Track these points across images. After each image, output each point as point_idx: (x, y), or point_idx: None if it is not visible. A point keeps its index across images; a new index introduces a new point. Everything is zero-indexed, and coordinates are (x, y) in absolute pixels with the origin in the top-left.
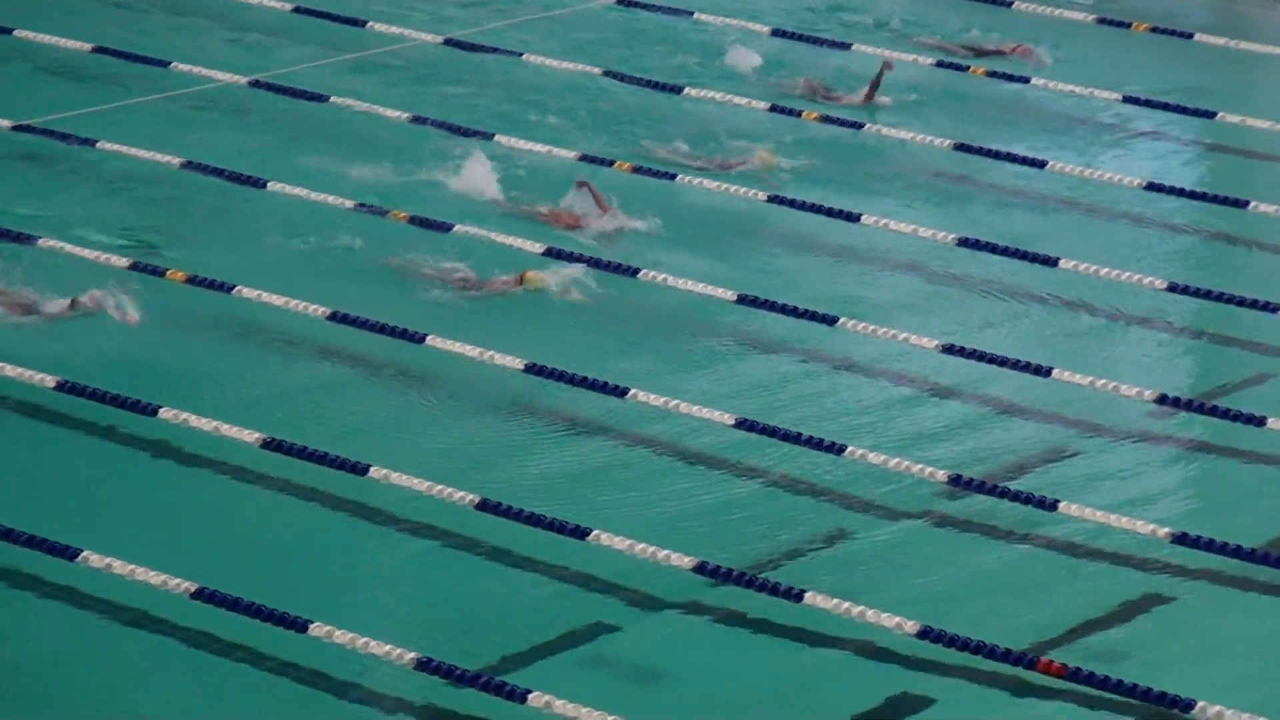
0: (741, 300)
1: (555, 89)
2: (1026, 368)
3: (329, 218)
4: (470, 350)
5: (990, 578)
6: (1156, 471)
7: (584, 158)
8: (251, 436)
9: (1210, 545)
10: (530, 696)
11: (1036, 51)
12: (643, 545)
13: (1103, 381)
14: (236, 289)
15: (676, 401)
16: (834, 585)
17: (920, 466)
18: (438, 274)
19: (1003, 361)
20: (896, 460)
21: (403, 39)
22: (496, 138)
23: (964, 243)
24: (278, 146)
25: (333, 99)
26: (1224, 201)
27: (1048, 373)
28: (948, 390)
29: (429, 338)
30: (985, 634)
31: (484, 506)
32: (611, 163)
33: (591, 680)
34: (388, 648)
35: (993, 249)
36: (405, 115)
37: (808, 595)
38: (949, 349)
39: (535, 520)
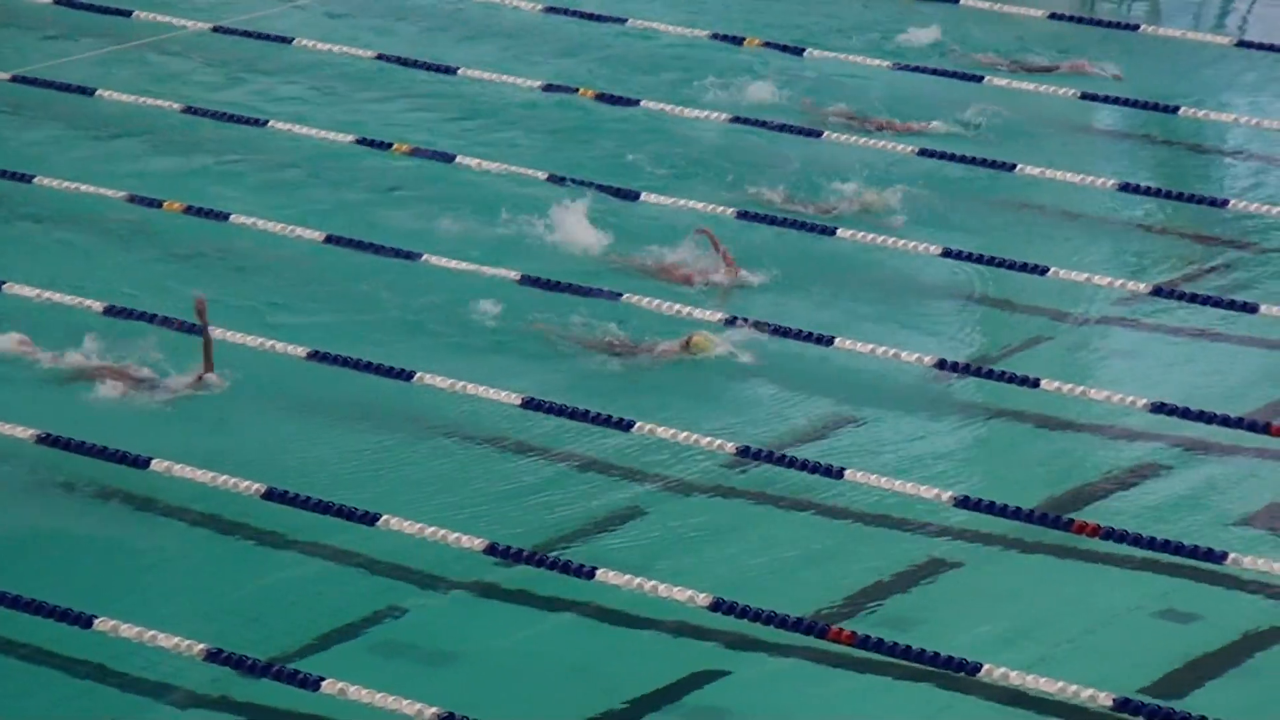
0: None
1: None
2: (809, 337)
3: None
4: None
5: (780, 548)
6: (938, 436)
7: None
8: (26, 433)
9: (991, 508)
10: (324, 684)
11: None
12: (433, 528)
13: (883, 349)
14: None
15: (463, 383)
16: (625, 561)
17: (709, 439)
18: (588, 340)
19: (785, 332)
20: (685, 434)
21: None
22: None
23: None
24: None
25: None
26: (995, 165)
27: (829, 341)
28: (734, 362)
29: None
30: (776, 604)
31: (270, 495)
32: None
33: (385, 665)
34: (176, 639)
35: (771, 220)
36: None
37: (599, 572)
38: (730, 322)
39: (323, 507)
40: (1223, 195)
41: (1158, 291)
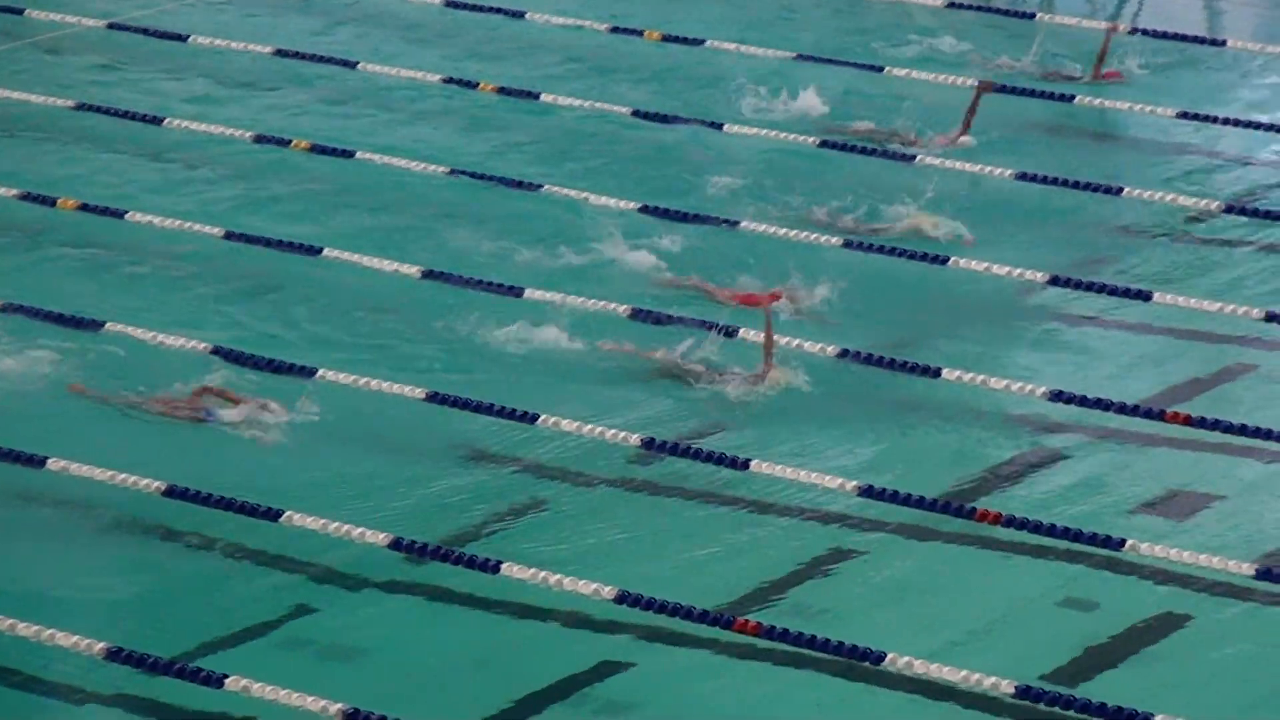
0: None
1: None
2: (712, 327)
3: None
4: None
5: (686, 540)
6: (841, 426)
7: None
8: None
9: (895, 497)
10: (227, 681)
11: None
12: (336, 524)
13: (786, 339)
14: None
15: (366, 379)
16: (531, 555)
17: (613, 432)
18: (676, 368)
19: (676, 320)
20: (589, 427)
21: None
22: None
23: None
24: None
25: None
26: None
27: (734, 333)
28: (634, 355)
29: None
30: (682, 596)
31: (171, 493)
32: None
33: (289, 662)
34: (75, 638)
35: (680, 217)
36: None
37: (505, 566)
38: (638, 315)
39: (226, 504)
40: (1118, 184)
41: (1054, 281)
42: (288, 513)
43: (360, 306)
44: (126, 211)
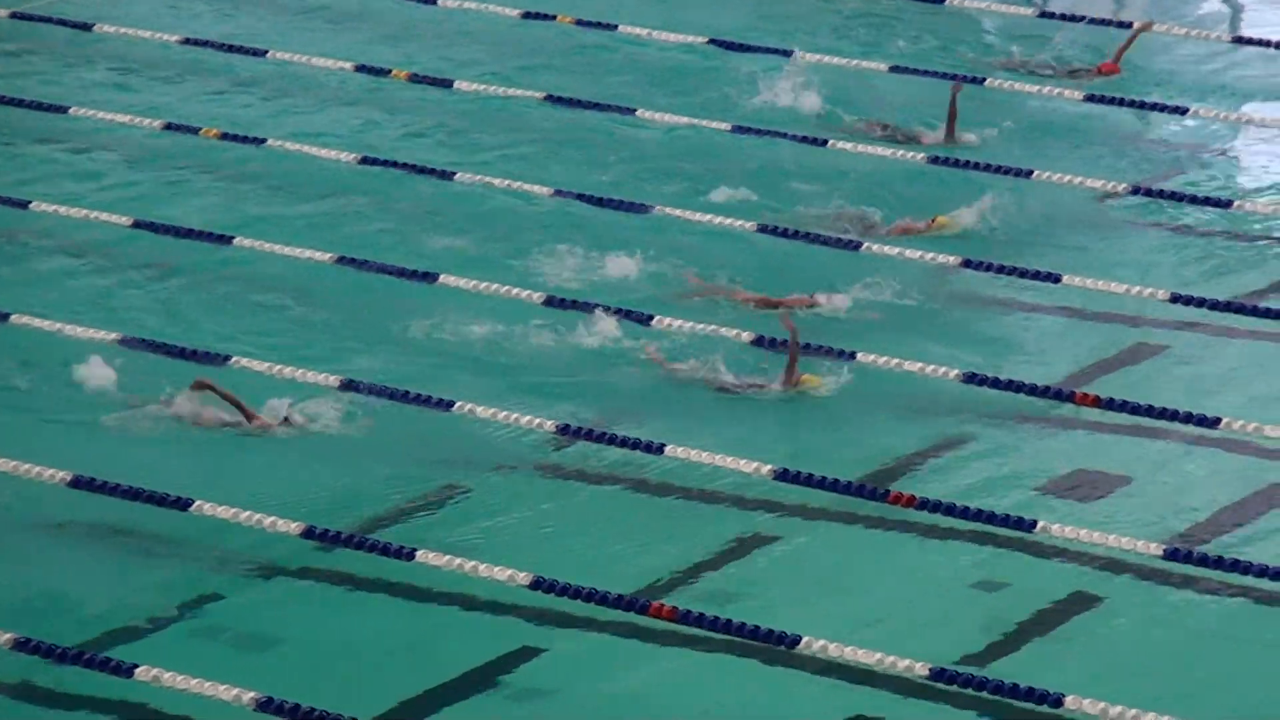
0: None
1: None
2: (629, 316)
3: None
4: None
5: (600, 525)
6: (755, 410)
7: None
8: None
9: (810, 480)
10: (137, 670)
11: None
12: (248, 513)
13: (695, 324)
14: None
15: (280, 366)
16: (445, 542)
17: (528, 418)
18: (707, 375)
19: (589, 307)
20: (504, 413)
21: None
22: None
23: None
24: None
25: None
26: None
27: (648, 320)
28: (549, 341)
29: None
30: (598, 581)
31: (77, 484)
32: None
33: (201, 651)
34: None
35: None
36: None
37: (419, 554)
38: (551, 302)
39: (134, 494)
40: (1028, 166)
41: (967, 264)
42: (198, 502)
43: (273, 293)
44: (30, 201)
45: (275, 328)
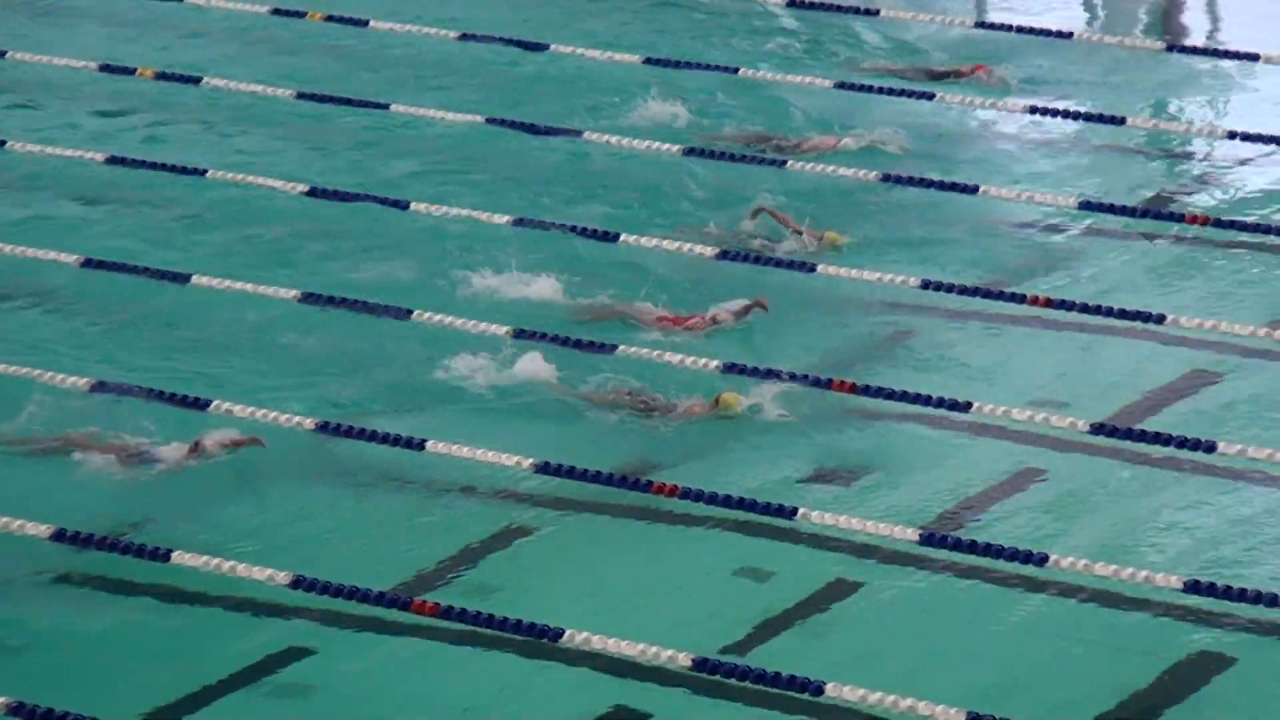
0: None
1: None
2: (385, 310)
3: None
4: None
5: (360, 521)
6: (516, 403)
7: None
8: None
9: (572, 472)
10: None
11: (997, 71)
12: (5, 519)
13: (461, 321)
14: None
15: (34, 370)
16: (203, 543)
17: (286, 416)
18: (616, 398)
19: (355, 304)
20: (262, 411)
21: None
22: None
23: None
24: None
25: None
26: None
27: (408, 314)
28: (301, 337)
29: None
30: (359, 578)
31: None
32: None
33: None
34: None
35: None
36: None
37: (175, 555)
38: (309, 298)
39: None
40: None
41: (724, 255)
42: None
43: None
44: None
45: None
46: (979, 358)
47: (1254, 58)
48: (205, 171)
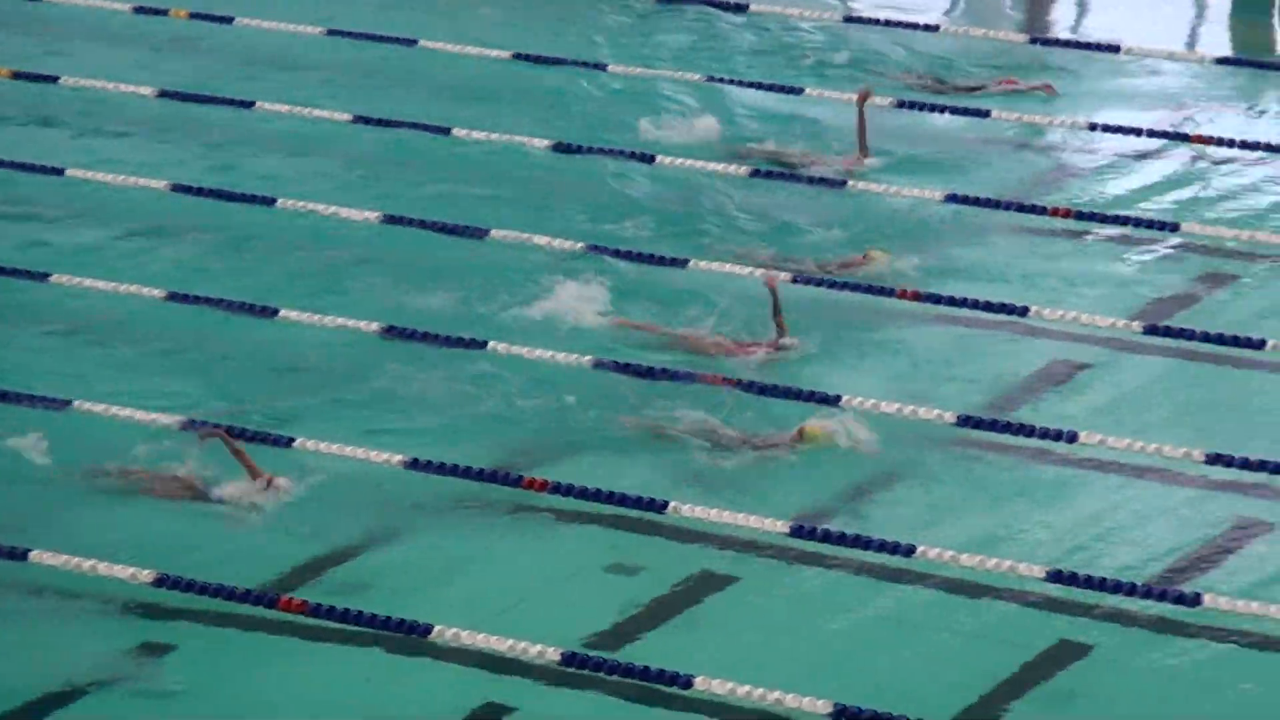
0: None
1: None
2: (251, 309)
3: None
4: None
5: (224, 518)
6: (389, 399)
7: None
8: None
9: (443, 468)
10: None
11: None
12: None
13: (330, 319)
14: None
15: None
16: (62, 543)
17: (143, 414)
18: (692, 431)
19: (227, 305)
20: (127, 410)
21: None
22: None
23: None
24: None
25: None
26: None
27: (274, 313)
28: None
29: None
30: (224, 576)
31: None
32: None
33: None
34: None
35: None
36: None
37: (33, 554)
38: (176, 296)
39: None
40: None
41: (597, 249)
42: None
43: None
44: None
45: None
46: (847, 353)
47: (1115, 49)
48: (62, 170)
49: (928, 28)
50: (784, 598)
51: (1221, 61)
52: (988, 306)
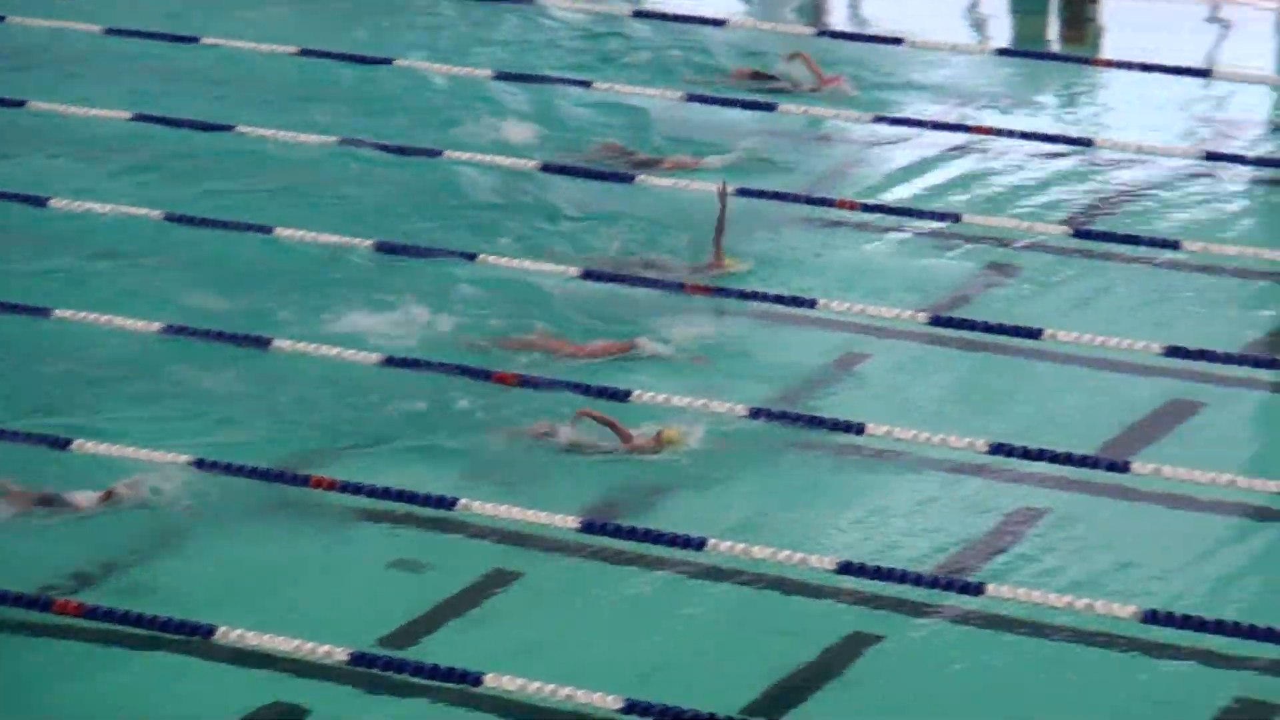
0: None
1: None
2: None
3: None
4: None
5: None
6: (176, 399)
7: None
8: None
9: (229, 468)
10: None
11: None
12: None
13: (109, 318)
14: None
15: None
16: None
17: None
18: (554, 434)
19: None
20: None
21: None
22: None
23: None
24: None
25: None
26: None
27: (47, 313)
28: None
29: None
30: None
31: None
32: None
33: None
34: None
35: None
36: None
37: None
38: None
39: None
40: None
41: (379, 247)
42: None
43: None
44: None
45: None
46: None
47: (898, 41)
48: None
49: (716, 22)
50: (575, 594)
51: (1002, 53)
52: (777, 299)
